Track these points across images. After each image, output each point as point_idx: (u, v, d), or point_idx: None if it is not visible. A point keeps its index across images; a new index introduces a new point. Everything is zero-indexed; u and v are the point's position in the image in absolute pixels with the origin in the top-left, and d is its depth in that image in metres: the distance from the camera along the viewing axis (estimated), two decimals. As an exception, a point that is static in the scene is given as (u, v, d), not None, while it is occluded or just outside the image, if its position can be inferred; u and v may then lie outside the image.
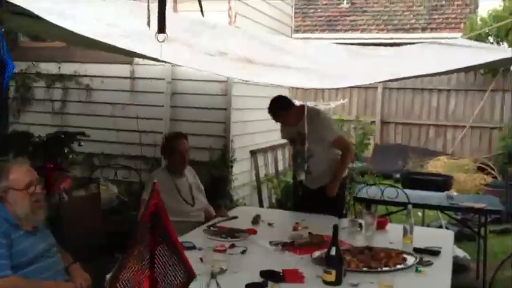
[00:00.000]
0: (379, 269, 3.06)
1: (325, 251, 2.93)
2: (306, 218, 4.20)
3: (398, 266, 3.11)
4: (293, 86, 6.43)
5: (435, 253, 3.40)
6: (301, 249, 3.41)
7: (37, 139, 5.77)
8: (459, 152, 11.80)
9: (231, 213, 4.53)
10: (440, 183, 6.95)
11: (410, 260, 3.20)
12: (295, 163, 5.22)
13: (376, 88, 12.60)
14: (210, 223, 4.07)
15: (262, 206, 6.95)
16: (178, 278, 1.91)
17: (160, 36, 2.37)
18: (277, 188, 7.26)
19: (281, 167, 7.83)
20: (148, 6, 2.44)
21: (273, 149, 7.53)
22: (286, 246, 3.48)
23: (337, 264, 2.80)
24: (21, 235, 2.82)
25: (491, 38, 10.79)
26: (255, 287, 2.65)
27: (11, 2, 2.67)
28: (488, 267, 4.93)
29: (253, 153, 7.05)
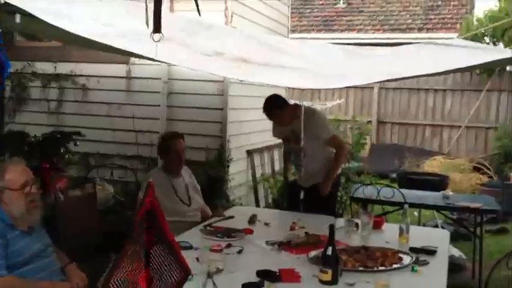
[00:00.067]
0: (375, 268, 3.06)
1: (321, 251, 2.93)
2: (302, 218, 4.20)
3: (395, 266, 3.11)
4: (288, 86, 6.43)
5: (431, 252, 3.40)
6: (297, 248, 3.41)
7: (33, 139, 5.76)
8: (455, 152, 11.82)
9: (228, 213, 4.52)
10: (437, 183, 6.97)
11: (407, 260, 3.20)
12: (287, 162, 5.25)
13: (372, 88, 12.61)
14: (207, 223, 4.06)
15: (258, 205, 6.95)
16: (174, 277, 1.91)
17: (156, 36, 2.37)
18: (274, 188, 7.26)
19: (277, 167, 7.83)
20: (146, 5, 2.44)
21: (269, 148, 7.54)
22: (282, 245, 3.48)
23: (333, 263, 2.81)
24: (17, 235, 2.81)
25: (487, 38, 10.81)
26: (252, 287, 2.65)
27: (7, 1, 2.67)
28: (484, 267, 4.94)
29: (249, 153, 7.05)
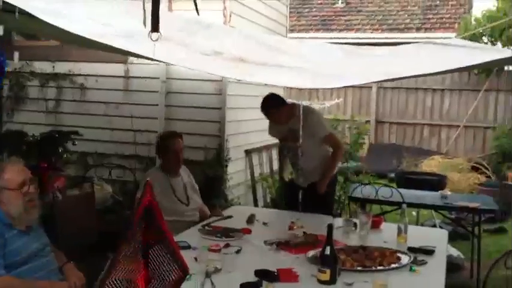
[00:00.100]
0: (374, 268, 3.06)
1: (319, 250, 2.93)
2: (300, 218, 4.20)
3: (393, 265, 3.11)
4: (286, 86, 6.43)
5: (429, 252, 3.41)
6: (295, 248, 3.41)
7: (31, 138, 5.76)
8: (453, 152, 11.83)
9: (226, 212, 4.52)
10: (435, 183, 6.97)
11: (405, 259, 3.20)
12: (283, 161, 5.26)
13: (370, 88, 12.61)
14: (205, 222, 4.06)
15: (257, 205, 6.95)
16: (172, 277, 1.90)
17: (154, 35, 2.36)
18: (272, 188, 7.26)
19: (276, 167, 7.81)
20: (143, 5, 2.43)
21: (267, 148, 7.53)
22: (280, 245, 3.48)
23: (331, 263, 2.81)
24: (15, 234, 2.81)
25: (485, 38, 10.82)
26: (250, 287, 2.65)
27: (6, 1, 2.66)
28: (482, 266, 4.94)
29: (248, 152, 7.05)
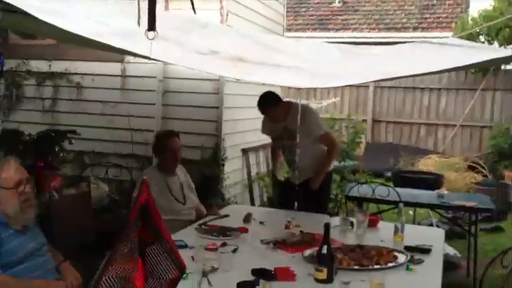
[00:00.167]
0: (370, 267, 3.07)
1: (316, 249, 2.93)
2: (297, 217, 4.20)
3: (390, 264, 3.12)
4: (284, 85, 6.43)
5: (426, 251, 3.41)
6: (292, 247, 3.41)
7: (27, 137, 5.75)
8: (450, 151, 11.85)
9: (223, 211, 4.52)
10: (431, 182, 6.97)
11: (401, 258, 3.21)
12: (275, 159, 5.27)
13: (367, 87, 12.62)
14: (202, 221, 4.06)
15: (253, 204, 6.95)
16: (169, 275, 1.89)
17: (150, 34, 2.36)
18: (269, 187, 7.25)
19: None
20: (138, 3, 2.43)
21: (264, 147, 7.53)
22: (277, 244, 3.48)
23: (328, 262, 2.81)
24: (11, 234, 2.80)
25: (482, 38, 10.83)
26: (247, 286, 2.65)
27: (2, 0, 2.65)
28: (478, 265, 4.95)
29: (244, 151, 7.04)
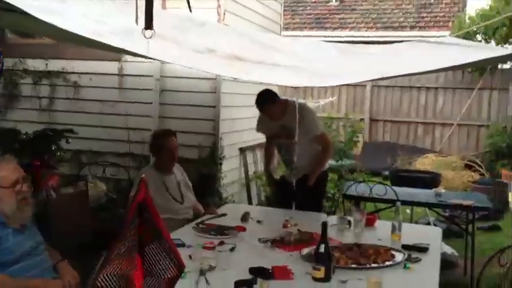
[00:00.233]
0: (368, 265, 3.07)
1: (314, 248, 2.94)
2: (294, 215, 4.19)
3: (387, 263, 3.12)
4: (282, 84, 6.43)
5: (423, 250, 3.41)
6: (290, 246, 3.41)
7: (24, 136, 5.73)
8: (447, 150, 11.86)
9: (220, 210, 4.52)
10: (429, 181, 6.98)
11: (399, 257, 3.21)
12: (270, 158, 5.28)
13: (364, 86, 12.62)
14: (199, 220, 4.06)
15: (251, 203, 6.95)
16: (167, 274, 1.89)
17: (148, 32, 2.35)
18: (266, 186, 7.25)
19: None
20: (136, 2, 2.42)
21: (261, 146, 7.45)
22: (275, 243, 3.48)
23: (326, 261, 2.81)
24: (9, 233, 2.79)
25: (479, 36, 10.84)
26: (244, 284, 2.65)
27: None
28: (475, 264, 4.96)
29: (242, 150, 7.04)
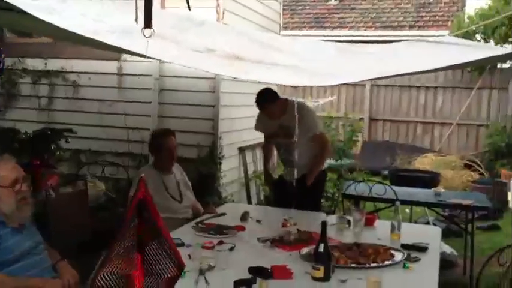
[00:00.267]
0: (367, 265, 3.07)
1: (313, 248, 2.93)
2: (294, 215, 4.19)
3: (386, 262, 3.12)
4: (281, 83, 6.44)
5: (423, 249, 3.41)
6: (289, 245, 3.41)
7: (23, 136, 5.73)
8: (446, 149, 11.86)
9: (220, 210, 4.52)
10: (428, 180, 6.98)
11: (398, 256, 3.21)
12: (269, 157, 5.27)
13: (364, 85, 12.62)
14: (198, 220, 4.05)
15: (250, 202, 6.95)
16: (167, 274, 1.88)
17: (147, 31, 2.34)
18: (264, 185, 7.25)
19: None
20: (136, 1, 2.42)
21: (261, 145, 7.51)
22: (274, 242, 3.48)
23: (325, 260, 2.80)
24: (8, 232, 2.79)
25: (478, 36, 10.84)
26: (244, 284, 2.64)
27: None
28: (475, 263, 4.96)
29: (241, 150, 7.04)
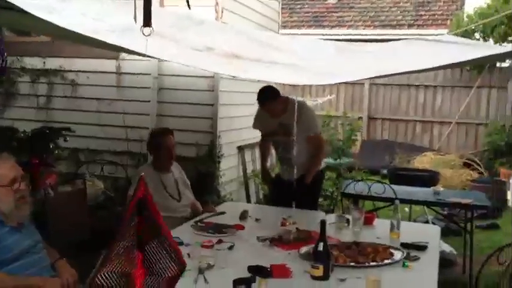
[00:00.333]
0: (367, 264, 3.07)
1: (312, 247, 2.93)
2: (293, 214, 4.19)
3: (386, 261, 3.11)
4: (280, 82, 6.44)
5: (422, 248, 3.41)
6: (288, 244, 3.41)
7: (22, 134, 5.73)
8: (445, 148, 11.85)
9: (219, 208, 4.52)
10: (427, 179, 6.97)
11: (398, 255, 3.21)
12: (267, 156, 5.26)
13: (363, 84, 12.61)
14: (198, 218, 4.05)
15: (249, 201, 6.95)
16: (168, 273, 1.87)
17: (146, 30, 2.34)
18: (263, 183, 7.24)
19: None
20: (135, 0, 2.41)
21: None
22: (273, 241, 3.48)
23: (324, 259, 2.80)
24: (7, 231, 2.78)
25: (477, 35, 10.84)
26: (243, 283, 2.64)
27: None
28: (474, 262, 4.95)
29: (240, 148, 7.04)
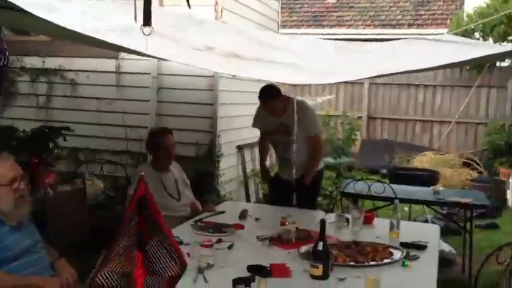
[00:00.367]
0: (366, 263, 3.07)
1: (312, 246, 2.93)
2: (292, 213, 4.19)
3: (385, 260, 3.12)
4: (280, 81, 6.44)
5: (421, 247, 3.41)
6: (288, 244, 3.41)
7: (22, 134, 5.73)
8: (445, 147, 11.86)
9: (218, 208, 4.52)
10: (427, 178, 6.97)
11: (397, 255, 3.21)
12: (265, 155, 5.27)
13: (362, 84, 12.61)
14: (197, 218, 4.05)
15: (249, 201, 6.95)
16: (168, 272, 1.87)
17: (146, 29, 2.34)
18: (262, 183, 7.24)
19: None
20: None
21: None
22: (273, 241, 3.47)
23: (324, 258, 2.80)
24: (7, 231, 2.78)
25: (477, 34, 10.84)
26: (242, 282, 2.64)
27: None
28: (473, 261, 4.97)
29: (240, 148, 7.04)
